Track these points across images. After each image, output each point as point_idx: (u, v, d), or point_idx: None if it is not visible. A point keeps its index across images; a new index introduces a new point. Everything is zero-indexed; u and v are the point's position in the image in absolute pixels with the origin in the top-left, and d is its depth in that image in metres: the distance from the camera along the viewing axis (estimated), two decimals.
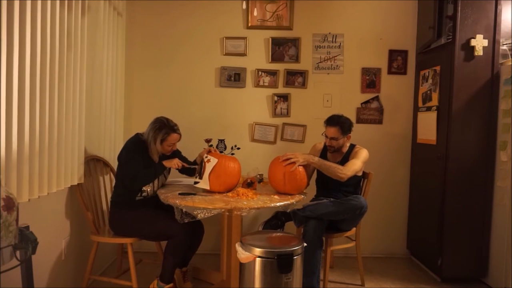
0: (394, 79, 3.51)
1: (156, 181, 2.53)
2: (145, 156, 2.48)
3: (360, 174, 2.73)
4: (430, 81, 3.13)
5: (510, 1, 2.89)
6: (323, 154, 2.86)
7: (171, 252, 2.36)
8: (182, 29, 3.45)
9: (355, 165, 2.58)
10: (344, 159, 2.72)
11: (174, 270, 2.42)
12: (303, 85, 3.49)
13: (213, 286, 2.79)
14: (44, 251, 2.10)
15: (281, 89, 3.50)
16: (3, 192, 1.25)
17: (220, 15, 3.45)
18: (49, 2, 2.00)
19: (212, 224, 2.96)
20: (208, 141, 2.69)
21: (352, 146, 2.79)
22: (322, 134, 2.80)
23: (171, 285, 2.39)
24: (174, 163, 2.49)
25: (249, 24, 3.46)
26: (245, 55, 3.47)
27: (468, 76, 2.83)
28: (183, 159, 2.80)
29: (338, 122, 2.69)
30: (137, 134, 2.55)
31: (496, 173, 2.82)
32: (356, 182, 2.78)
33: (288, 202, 2.25)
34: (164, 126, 2.48)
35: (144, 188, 2.48)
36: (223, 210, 2.09)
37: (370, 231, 3.46)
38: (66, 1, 2.19)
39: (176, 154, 2.75)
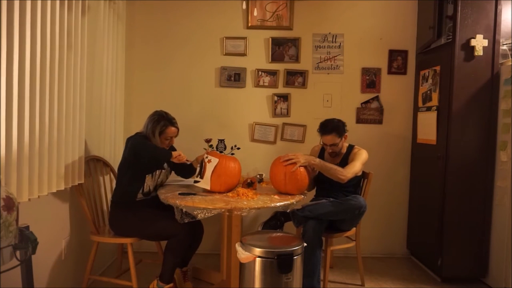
0: (394, 79, 3.51)
1: (156, 177, 2.53)
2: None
3: (359, 174, 2.73)
4: (430, 81, 3.13)
5: (510, 1, 2.89)
6: (321, 156, 2.86)
7: (171, 252, 2.36)
8: (182, 29, 3.45)
9: (355, 167, 2.59)
10: (343, 160, 2.72)
11: (174, 270, 2.42)
12: (303, 85, 3.49)
13: (213, 286, 2.79)
14: (44, 251, 2.10)
15: (281, 89, 3.50)
16: (3, 192, 1.25)
17: (220, 15, 3.45)
18: (49, 2, 2.00)
19: (212, 224, 2.96)
20: (208, 141, 2.69)
21: (351, 147, 2.78)
22: (320, 143, 2.79)
23: (171, 285, 2.39)
24: (177, 155, 2.44)
25: (249, 24, 3.46)
26: (245, 55, 3.47)
27: (468, 76, 2.83)
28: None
29: (332, 128, 2.66)
30: (136, 134, 2.54)
31: (496, 173, 2.82)
32: (356, 183, 2.78)
33: (288, 202, 2.25)
34: (163, 119, 2.48)
35: (146, 183, 2.48)
36: (223, 210, 2.09)
37: (370, 231, 3.46)
38: (66, 1, 2.19)
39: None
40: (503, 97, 2.75)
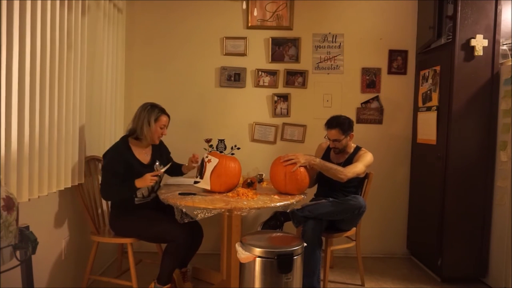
0: (394, 79, 3.51)
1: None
2: (128, 161, 2.37)
3: (362, 175, 2.73)
4: (430, 81, 3.13)
5: (510, 1, 2.89)
6: (327, 153, 2.87)
7: (169, 255, 2.35)
8: (182, 29, 3.45)
9: (357, 168, 2.58)
10: (348, 161, 2.72)
11: (172, 272, 2.41)
12: (303, 85, 3.49)
13: (213, 286, 2.79)
14: (44, 251, 2.10)
15: (281, 89, 3.50)
16: (3, 192, 1.25)
17: (220, 15, 3.45)
18: (49, 2, 2.00)
19: (212, 224, 2.96)
20: (208, 141, 2.69)
21: (358, 149, 2.78)
22: (324, 137, 2.80)
23: (169, 285, 2.38)
24: (147, 180, 2.30)
25: (249, 24, 3.46)
26: (245, 55, 3.47)
27: (468, 76, 2.83)
28: (169, 159, 2.73)
29: (337, 124, 2.68)
30: (122, 137, 2.47)
31: (496, 173, 2.82)
32: (358, 184, 2.78)
33: (288, 202, 2.25)
34: (156, 107, 2.48)
35: (139, 191, 2.42)
36: (223, 210, 2.09)
37: (370, 231, 3.46)
38: (66, 1, 2.19)
39: (164, 153, 2.70)
40: (503, 97, 2.75)
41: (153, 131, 2.44)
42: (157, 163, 2.54)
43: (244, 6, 3.23)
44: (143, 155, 2.48)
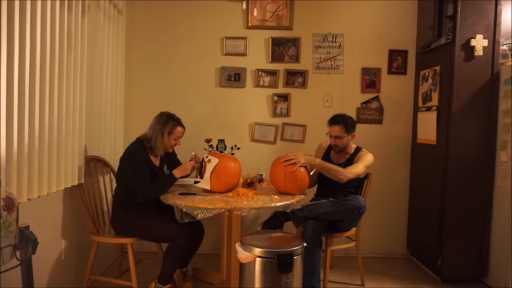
0: (394, 79, 3.51)
1: None
2: (149, 162, 2.44)
3: (362, 176, 2.73)
4: (430, 81, 3.13)
5: (510, 1, 2.89)
6: (328, 153, 2.87)
7: (171, 255, 2.35)
8: (182, 29, 3.45)
9: (357, 169, 2.58)
10: (348, 161, 2.72)
11: (173, 272, 2.42)
12: (303, 85, 3.49)
13: (213, 286, 2.79)
14: (44, 251, 2.09)
15: (281, 89, 3.50)
16: (3, 192, 1.25)
17: (220, 15, 3.45)
18: (49, 2, 2.00)
19: (212, 224, 2.96)
20: (208, 141, 2.69)
21: (358, 149, 2.78)
22: (326, 134, 2.80)
23: (169, 285, 2.38)
24: (188, 168, 2.48)
25: (249, 24, 3.46)
26: (245, 55, 3.47)
27: (468, 76, 2.83)
28: (176, 162, 2.75)
29: (341, 121, 2.69)
30: (138, 139, 2.51)
31: (496, 173, 2.82)
32: (358, 184, 2.78)
33: (288, 202, 2.25)
34: (171, 119, 2.50)
35: None
36: (223, 210, 2.09)
37: (370, 231, 3.46)
38: (66, 1, 2.19)
39: (172, 157, 2.71)
40: (503, 97, 2.75)
41: (166, 143, 2.49)
42: (165, 168, 2.59)
43: (244, 6, 3.22)
44: (154, 158, 2.53)
